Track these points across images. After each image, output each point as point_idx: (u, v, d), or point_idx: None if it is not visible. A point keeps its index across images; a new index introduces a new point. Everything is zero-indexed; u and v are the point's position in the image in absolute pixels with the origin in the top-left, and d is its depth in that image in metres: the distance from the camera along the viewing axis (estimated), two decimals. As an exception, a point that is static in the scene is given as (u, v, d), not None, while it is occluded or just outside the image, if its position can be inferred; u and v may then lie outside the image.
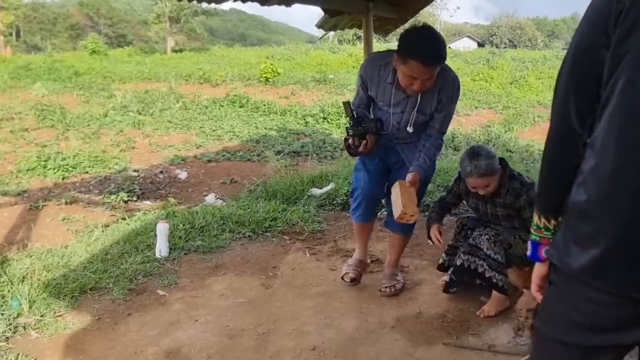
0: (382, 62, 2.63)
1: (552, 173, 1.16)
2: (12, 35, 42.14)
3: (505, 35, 57.74)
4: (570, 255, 1.08)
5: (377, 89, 2.67)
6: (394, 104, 2.66)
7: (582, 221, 1.07)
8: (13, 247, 4.22)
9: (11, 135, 10.08)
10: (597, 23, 1.03)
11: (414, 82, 2.45)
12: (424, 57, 2.36)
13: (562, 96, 1.11)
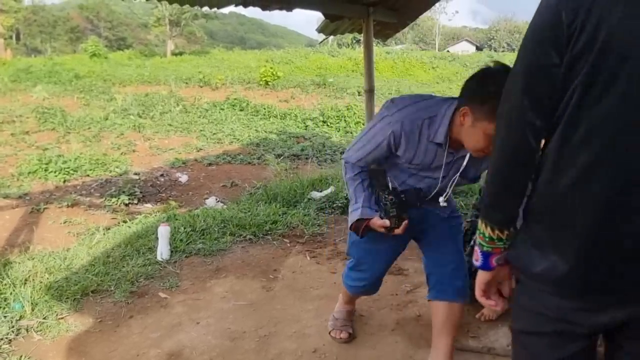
0: (426, 115, 1.90)
1: (507, 188, 1.16)
2: (12, 38, 42.20)
3: (503, 39, 57.92)
4: (531, 260, 1.13)
5: (414, 150, 1.95)
6: (434, 167, 2.02)
7: (541, 228, 1.12)
8: (15, 250, 4.23)
9: (12, 138, 10.10)
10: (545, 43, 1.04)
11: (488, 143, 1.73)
12: None
13: (517, 113, 1.09)
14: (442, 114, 1.88)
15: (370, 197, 2.07)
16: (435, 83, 22.74)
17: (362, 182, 2.08)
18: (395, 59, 26.50)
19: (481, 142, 1.77)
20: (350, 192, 2.10)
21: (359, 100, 15.78)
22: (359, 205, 2.06)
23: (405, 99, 1.97)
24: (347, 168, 2.09)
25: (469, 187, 5.31)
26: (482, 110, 1.70)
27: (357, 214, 2.05)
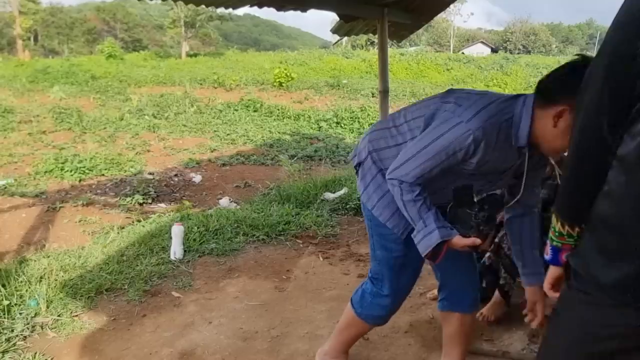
0: (503, 117, 1.69)
1: (580, 183, 1.12)
2: (30, 39, 42.82)
3: (519, 41, 57.45)
4: (597, 268, 1.06)
5: (492, 155, 1.72)
6: (502, 172, 1.84)
7: (611, 234, 1.04)
8: (31, 248, 4.28)
9: (29, 137, 10.23)
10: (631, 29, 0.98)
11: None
12: None
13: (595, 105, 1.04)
14: (518, 114, 1.69)
15: (437, 214, 1.79)
16: (449, 84, 22.63)
17: (424, 201, 1.77)
18: (410, 60, 26.42)
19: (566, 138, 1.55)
20: (414, 214, 1.78)
21: (373, 101, 15.76)
22: (433, 227, 1.75)
23: (471, 98, 1.74)
24: (404, 189, 1.76)
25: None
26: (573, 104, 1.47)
27: (435, 237, 1.74)
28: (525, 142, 1.69)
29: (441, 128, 1.71)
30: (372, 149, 1.95)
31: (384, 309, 2.09)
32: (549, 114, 1.58)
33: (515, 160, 1.78)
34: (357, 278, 3.29)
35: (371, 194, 1.96)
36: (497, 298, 2.69)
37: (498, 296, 2.69)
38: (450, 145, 1.68)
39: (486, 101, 1.72)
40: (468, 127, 1.65)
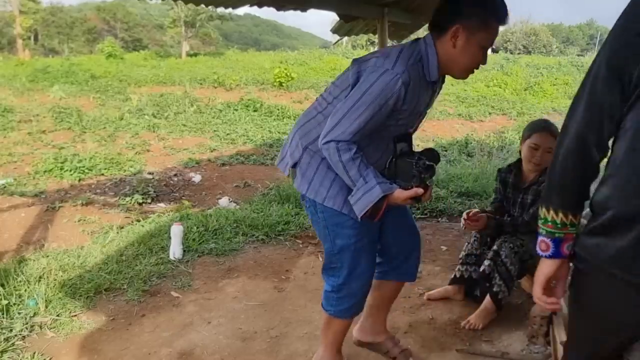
0: (415, 57, 1.83)
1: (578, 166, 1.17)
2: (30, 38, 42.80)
3: (519, 41, 57.41)
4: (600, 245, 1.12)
5: (415, 97, 1.84)
6: (422, 111, 1.96)
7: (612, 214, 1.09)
8: (30, 247, 4.28)
9: (29, 137, 10.22)
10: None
11: (482, 55, 1.87)
12: (505, 13, 1.84)
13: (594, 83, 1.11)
14: (425, 53, 1.85)
15: (376, 172, 1.83)
16: (449, 85, 22.59)
17: (361, 158, 1.80)
18: (410, 60, 26.38)
19: (477, 57, 1.85)
20: (353, 174, 1.79)
21: (373, 101, 15.72)
22: (374, 183, 1.78)
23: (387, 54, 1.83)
24: (342, 150, 1.77)
25: (483, 190, 5.26)
26: (475, 21, 1.77)
27: (377, 192, 1.77)
28: (437, 75, 1.86)
29: (369, 80, 1.76)
30: (307, 143, 1.95)
31: (352, 297, 2.09)
32: (447, 39, 1.80)
33: (430, 95, 1.94)
34: (357, 278, 3.29)
35: (318, 187, 1.94)
36: (488, 305, 2.66)
37: (489, 303, 2.66)
38: (382, 93, 1.74)
39: (399, 50, 1.84)
40: (395, 72, 1.75)
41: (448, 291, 2.95)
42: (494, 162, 7.10)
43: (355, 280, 2.05)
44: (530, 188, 2.78)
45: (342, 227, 1.97)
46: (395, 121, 1.84)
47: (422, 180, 1.82)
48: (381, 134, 1.85)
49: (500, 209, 2.96)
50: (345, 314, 2.14)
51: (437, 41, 1.83)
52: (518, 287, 3.03)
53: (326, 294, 2.15)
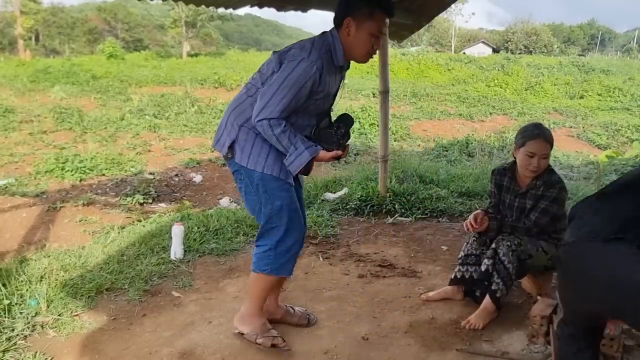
0: (326, 46, 2.26)
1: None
2: (31, 39, 42.81)
3: (520, 41, 57.34)
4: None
5: (328, 80, 2.27)
6: (335, 92, 2.42)
7: None
8: (31, 247, 4.30)
9: (30, 137, 10.26)
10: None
11: (376, 41, 2.28)
12: (390, 5, 2.28)
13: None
14: (332, 43, 2.27)
15: (304, 139, 2.25)
16: (450, 85, 22.63)
17: (290, 130, 2.20)
18: (411, 60, 26.40)
19: (368, 43, 2.25)
20: (285, 143, 2.20)
21: (374, 101, 15.76)
22: (303, 149, 2.21)
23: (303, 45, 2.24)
24: (273, 125, 2.16)
25: (484, 190, 5.27)
26: (362, 13, 2.20)
27: (306, 156, 2.21)
28: (343, 60, 2.30)
29: (289, 67, 2.17)
30: (242, 122, 2.30)
31: (288, 252, 2.41)
32: (343, 30, 2.24)
33: (340, 78, 2.40)
34: (357, 278, 3.30)
35: (257, 158, 2.30)
36: (488, 305, 2.66)
37: (488, 303, 2.66)
38: (301, 77, 2.15)
39: (312, 41, 2.26)
40: (310, 60, 2.16)
41: (447, 292, 2.95)
42: (494, 162, 7.10)
43: (290, 236, 2.39)
44: (529, 193, 2.78)
45: (279, 190, 2.34)
46: (314, 100, 2.26)
47: (341, 145, 2.31)
48: (306, 109, 2.28)
49: (496, 213, 2.96)
50: (282, 270, 2.44)
51: (339, 33, 2.26)
52: (518, 287, 3.04)
53: (261, 255, 2.44)
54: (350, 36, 2.23)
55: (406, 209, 4.71)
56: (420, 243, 3.98)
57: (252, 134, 2.29)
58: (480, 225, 2.75)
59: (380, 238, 4.10)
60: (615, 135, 14.94)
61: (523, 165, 2.73)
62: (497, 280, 2.65)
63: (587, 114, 17.61)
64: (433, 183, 5.54)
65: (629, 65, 27.53)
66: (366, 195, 4.91)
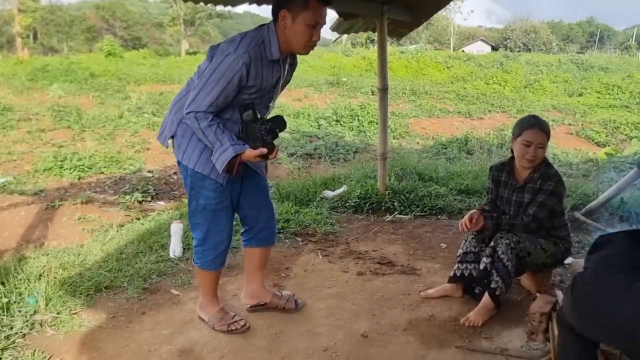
0: (259, 40, 2.24)
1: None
2: (29, 37, 42.74)
3: (519, 39, 57.34)
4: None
5: (260, 74, 2.25)
6: (272, 86, 2.36)
7: None
8: (30, 246, 4.29)
9: (28, 135, 10.24)
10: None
11: (314, 32, 2.24)
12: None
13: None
14: (267, 36, 2.25)
15: (231, 136, 2.25)
16: (449, 83, 22.62)
17: (218, 125, 2.22)
18: (410, 58, 26.38)
19: (306, 34, 2.21)
20: (211, 138, 2.22)
21: (373, 99, 15.75)
22: (228, 145, 2.22)
23: (232, 39, 2.24)
24: (200, 118, 2.19)
25: (483, 187, 5.27)
26: (297, 4, 2.16)
27: (230, 152, 2.21)
28: (278, 54, 2.26)
29: (217, 61, 2.18)
30: (180, 117, 2.32)
31: (214, 250, 2.54)
32: (279, 23, 2.21)
33: (279, 72, 2.34)
34: (357, 276, 3.30)
35: (190, 155, 2.35)
36: (487, 302, 2.66)
37: (487, 300, 2.66)
38: (227, 72, 2.15)
39: (242, 36, 2.25)
40: (236, 55, 2.16)
41: (447, 290, 2.95)
42: (493, 160, 7.10)
43: (214, 235, 2.50)
44: (526, 187, 2.79)
45: (206, 189, 2.40)
46: (248, 95, 2.26)
47: (265, 142, 2.24)
48: (238, 104, 2.27)
49: (494, 209, 2.96)
50: (210, 265, 2.58)
51: (276, 26, 2.24)
52: (517, 284, 3.04)
53: (194, 249, 2.60)
54: (287, 28, 2.21)
55: (405, 206, 4.71)
56: (420, 240, 3.98)
57: (189, 130, 2.32)
58: (476, 225, 2.75)
59: (379, 236, 4.10)
60: (614, 132, 14.94)
61: (520, 155, 2.73)
62: (496, 278, 2.65)
63: (586, 111, 17.62)
64: (432, 181, 5.54)
65: (628, 63, 27.54)
66: (365, 193, 4.91)
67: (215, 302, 2.70)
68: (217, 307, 2.69)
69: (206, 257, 2.55)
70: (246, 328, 2.61)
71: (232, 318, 2.65)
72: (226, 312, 2.69)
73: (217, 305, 2.70)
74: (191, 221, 2.53)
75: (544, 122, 2.74)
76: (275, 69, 2.31)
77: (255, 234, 2.70)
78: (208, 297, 2.70)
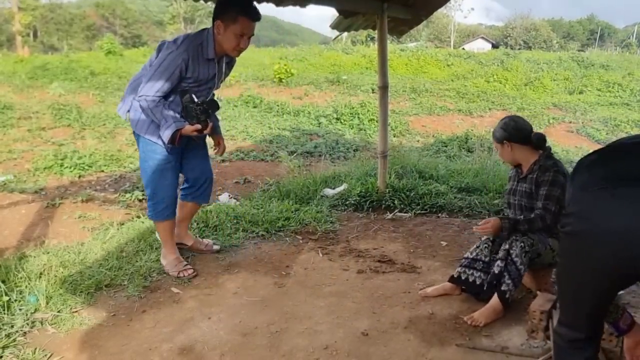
0: (198, 42, 2.85)
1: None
2: (29, 35, 42.69)
3: (519, 37, 57.30)
4: None
5: (198, 69, 2.87)
6: (210, 78, 2.97)
7: None
8: (30, 244, 4.28)
9: (29, 134, 10.22)
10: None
11: (241, 40, 2.85)
12: (253, 12, 2.86)
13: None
14: (206, 38, 2.87)
15: (175, 115, 2.86)
16: (450, 80, 22.58)
17: (163, 106, 2.84)
18: (410, 56, 26.34)
19: (234, 42, 2.84)
20: (158, 117, 2.84)
21: (373, 97, 15.73)
22: (171, 122, 2.83)
23: (176, 39, 2.87)
24: (148, 100, 2.79)
25: (483, 185, 5.26)
26: (229, 17, 2.78)
27: (173, 128, 2.83)
28: (213, 54, 2.89)
29: (162, 57, 2.82)
30: (134, 96, 2.91)
31: (162, 202, 3.13)
32: (215, 29, 2.84)
33: (214, 68, 2.96)
34: (357, 274, 3.30)
35: (142, 125, 2.97)
36: (496, 305, 2.65)
37: (497, 303, 2.65)
38: (170, 66, 2.78)
39: (185, 36, 2.90)
40: (178, 52, 2.79)
41: (446, 288, 2.94)
42: (494, 158, 7.09)
43: (160, 191, 3.11)
44: (527, 177, 2.85)
45: (154, 152, 3.01)
46: (187, 84, 2.89)
47: (200, 119, 2.88)
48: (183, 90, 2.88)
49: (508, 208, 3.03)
50: (158, 216, 3.17)
51: (214, 32, 2.86)
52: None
53: (147, 204, 3.20)
54: (220, 35, 2.84)
55: (405, 204, 4.71)
56: (420, 238, 3.98)
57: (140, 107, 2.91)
58: (487, 224, 2.73)
59: (379, 234, 4.10)
60: (615, 130, 14.93)
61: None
62: (507, 280, 2.65)
63: (587, 109, 17.59)
64: (432, 179, 5.54)
65: (629, 61, 27.48)
66: (365, 191, 4.91)
67: (172, 251, 3.27)
68: (174, 255, 3.26)
69: (157, 208, 3.14)
70: (193, 275, 3.20)
71: (184, 266, 3.21)
72: (180, 261, 3.26)
73: (174, 254, 3.27)
74: (144, 180, 3.15)
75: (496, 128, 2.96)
76: (210, 66, 2.93)
77: (192, 192, 3.35)
78: (167, 246, 3.25)
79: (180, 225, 3.44)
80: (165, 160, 3.03)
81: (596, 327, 1.67)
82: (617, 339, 2.07)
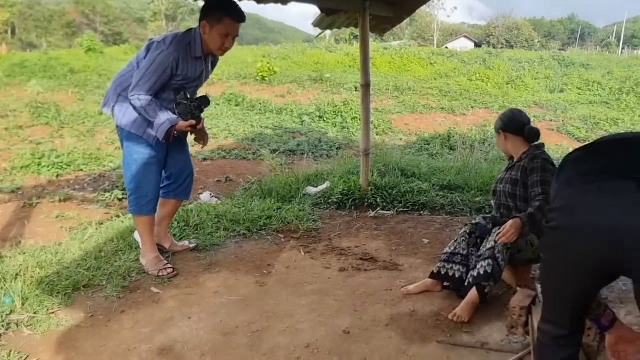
0: (186, 41, 2.94)
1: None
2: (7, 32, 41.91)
3: (502, 36, 57.87)
4: None
5: (187, 67, 2.96)
6: (197, 76, 3.07)
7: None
8: (6, 245, 4.19)
9: (5, 132, 10.04)
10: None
11: (226, 40, 2.94)
12: (237, 14, 2.94)
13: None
14: (193, 37, 2.95)
15: (167, 112, 2.93)
16: (433, 79, 22.71)
17: (156, 104, 2.90)
18: (393, 54, 26.41)
19: (219, 42, 2.93)
20: (152, 114, 2.90)
21: (356, 95, 15.75)
22: (165, 119, 2.90)
23: (165, 39, 2.92)
24: (141, 99, 2.86)
25: (465, 183, 5.30)
26: (214, 18, 2.88)
27: (167, 124, 2.91)
28: (201, 52, 2.98)
29: (153, 56, 2.88)
30: (121, 91, 3.03)
31: (144, 197, 3.14)
32: (202, 29, 2.93)
33: (202, 66, 3.05)
34: (339, 272, 3.29)
35: (127, 120, 3.02)
36: (474, 298, 2.66)
37: (474, 296, 2.66)
38: (161, 65, 2.86)
39: (174, 36, 2.95)
40: (169, 51, 2.87)
41: (427, 285, 2.95)
42: (476, 156, 7.14)
43: (144, 185, 3.11)
44: (516, 165, 2.93)
45: (138, 146, 3.06)
46: (176, 81, 2.97)
47: (194, 115, 2.96)
48: (171, 88, 2.98)
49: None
50: (141, 210, 3.17)
51: (201, 32, 2.94)
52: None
53: (129, 200, 3.19)
54: (206, 35, 2.94)
55: (388, 202, 4.72)
56: (402, 236, 3.99)
57: (127, 102, 2.96)
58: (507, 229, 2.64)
59: (361, 232, 4.10)
60: (594, 128, 15.15)
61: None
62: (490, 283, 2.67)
63: (567, 107, 17.82)
64: (415, 176, 5.55)
65: (608, 60, 27.93)
66: (348, 189, 4.90)
67: (152, 250, 3.24)
68: (154, 254, 3.23)
69: (140, 203, 3.14)
70: (173, 275, 3.17)
71: (164, 265, 3.19)
72: (160, 260, 3.23)
73: (154, 253, 3.24)
74: (126, 174, 3.15)
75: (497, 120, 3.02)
76: (198, 64, 3.03)
77: (174, 188, 3.35)
78: (147, 245, 3.24)
79: (160, 224, 3.42)
80: (150, 155, 3.08)
81: (580, 323, 1.68)
82: (595, 334, 2.10)
